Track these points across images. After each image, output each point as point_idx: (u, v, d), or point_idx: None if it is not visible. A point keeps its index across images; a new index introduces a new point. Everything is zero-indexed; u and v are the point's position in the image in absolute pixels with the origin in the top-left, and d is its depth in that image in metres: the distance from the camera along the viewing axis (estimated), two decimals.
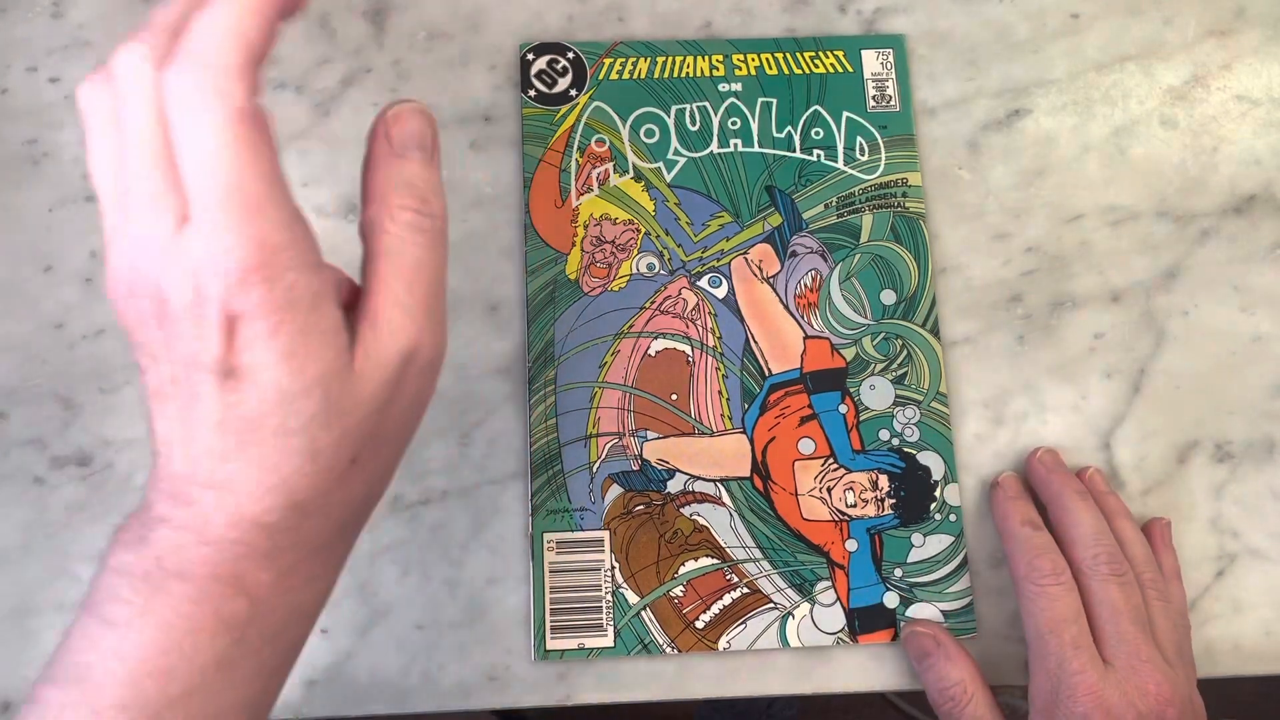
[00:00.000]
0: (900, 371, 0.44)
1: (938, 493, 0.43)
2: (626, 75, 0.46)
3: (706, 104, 0.46)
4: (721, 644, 0.41)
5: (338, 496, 0.26)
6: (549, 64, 0.46)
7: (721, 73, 0.47)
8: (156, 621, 0.25)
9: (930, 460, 0.43)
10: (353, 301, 0.27)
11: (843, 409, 0.43)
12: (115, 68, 0.24)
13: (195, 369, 0.24)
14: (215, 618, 0.25)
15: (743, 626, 0.41)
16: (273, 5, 0.23)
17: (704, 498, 0.42)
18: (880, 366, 0.44)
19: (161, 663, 0.24)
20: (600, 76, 0.46)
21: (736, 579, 0.41)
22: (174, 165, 0.23)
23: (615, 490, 0.42)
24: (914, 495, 0.43)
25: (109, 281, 0.25)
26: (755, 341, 0.44)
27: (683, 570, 0.41)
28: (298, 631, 0.28)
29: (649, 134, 0.46)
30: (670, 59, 0.47)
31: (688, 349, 0.44)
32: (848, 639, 0.41)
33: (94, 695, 0.24)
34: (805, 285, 0.45)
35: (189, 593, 0.25)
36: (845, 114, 0.46)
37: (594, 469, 0.42)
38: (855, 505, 0.42)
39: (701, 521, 0.42)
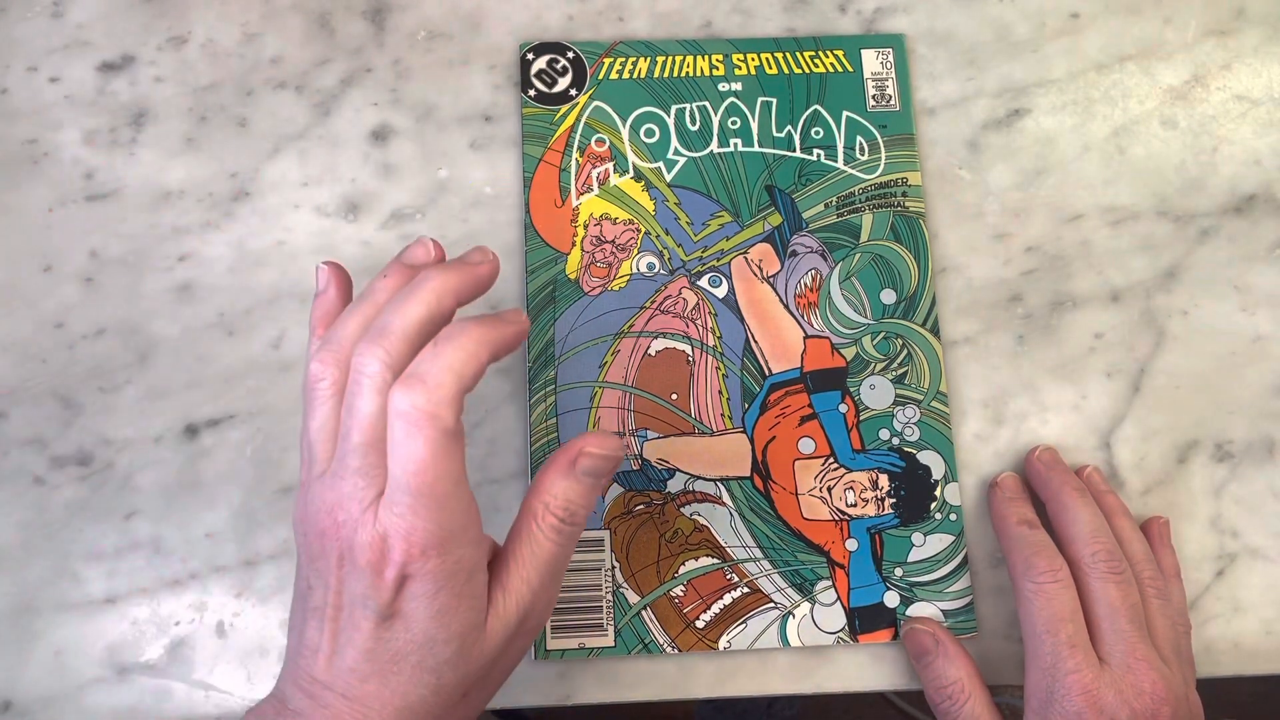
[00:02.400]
0: (900, 371, 0.44)
1: (938, 492, 0.43)
2: (626, 75, 0.46)
3: (706, 104, 0.46)
4: (722, 643, 0.41)
5: None
6: (549, 64, 0.46)
7: (721, 72, 0.47)
8: None
9: (930, 460, 0.43)
10: (492, 558, 0.32)
11: (843, 408, 0.43)
12: (359, 364, 0.30)
13: (361, 607, 0.30)
14: None
15: (743, 626, 0.41)
16: (485, 357, 0.30)
17: (704, 497, 0.42)
18: (880, 366, 0.44)
19: None
20: (600, 76, 0.46)
21: (737, 578, 0.41)
22: (384, 452, 0.29)
23: (615, 490, 0.42)
24: (914, 495, 0.43)
25: (298, 516, 0.31)
26: (755, 341, 0.44)
27: (683, 570, 0.41)
28: None
29: (649, 134, 0.46)
30: (670, 59, 0.47)
31: (688, 349, 0.44)
32: (848, 638, 0.41)
33: None
34: (805, 285, 0.45)
35: None
36: (845, 113, 0.46)
37: None
38: (855, 505, 0.42)
39: (702, 521, 0.42)
